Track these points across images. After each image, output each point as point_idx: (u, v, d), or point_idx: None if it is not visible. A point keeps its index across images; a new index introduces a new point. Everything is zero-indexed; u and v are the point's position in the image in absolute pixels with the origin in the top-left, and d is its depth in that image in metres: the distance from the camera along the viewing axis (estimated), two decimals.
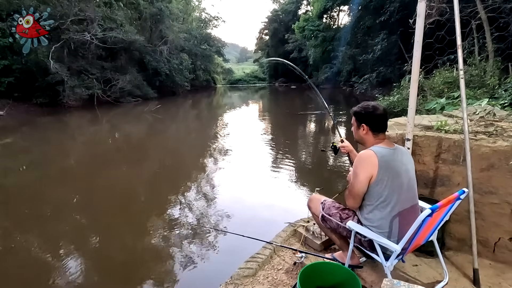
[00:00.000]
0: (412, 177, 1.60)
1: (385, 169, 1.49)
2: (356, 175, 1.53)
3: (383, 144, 1.57)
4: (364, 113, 1.60)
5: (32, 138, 9.53)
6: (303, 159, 6.96)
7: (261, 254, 2.22)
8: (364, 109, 1.61)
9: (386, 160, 1.50)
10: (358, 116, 1.64)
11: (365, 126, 1.60)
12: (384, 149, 1.53)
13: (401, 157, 1.56)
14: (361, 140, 1.67)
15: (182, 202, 4.44)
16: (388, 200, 1.51)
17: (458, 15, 1.83)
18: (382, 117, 1.58)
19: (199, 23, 33.16)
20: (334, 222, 1.78)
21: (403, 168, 1.55)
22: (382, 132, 1.60)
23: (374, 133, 1.59)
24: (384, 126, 1.60)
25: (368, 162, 1.50)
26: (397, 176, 1.51)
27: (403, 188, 1.53)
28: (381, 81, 17.42)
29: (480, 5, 5.99)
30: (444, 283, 1.75)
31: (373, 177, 1.50)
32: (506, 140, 1.90)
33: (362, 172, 1.51)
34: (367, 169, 1.50)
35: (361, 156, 1.55)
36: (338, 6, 29.02)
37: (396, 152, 1.56)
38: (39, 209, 4.19)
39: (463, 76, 1.88)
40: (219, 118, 14.41)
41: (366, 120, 1.60)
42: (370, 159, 1.50)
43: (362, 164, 1.52)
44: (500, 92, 4.46)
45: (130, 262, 3.01)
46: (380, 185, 1.50)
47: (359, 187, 1.53)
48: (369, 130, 1.60)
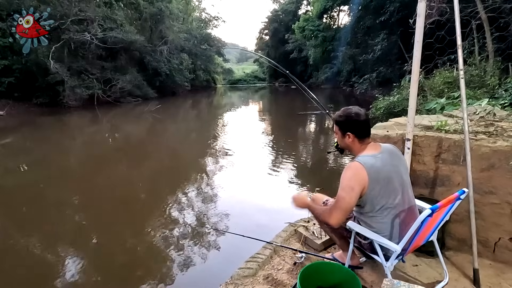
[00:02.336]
0: (405, 177, 1.58)
1: (375, 179, 1.46)
2: (351, 188, 1.45)
3: (369, 151, 1.54)
4: (348, 121, 1.56)
5: (32, 138, 9.53)
6: (303, 159, 6.96)
7: (261, 254, 2.22)
8: (347, 117, 1.56)
9: (375, 170, 1.46)
10: (341, 125, 1.59)
11: (350, 134, 1.55)
12: (371, 158, 1.49)
13: (390, 159, 1.53)
14: (348, 148, 1.63)
15: (182, 202, 4.44)
16: (385, 206, 1.50)
17: (458, 15, 1.83)
18: (366, 123, 1.55)
19: (199, 23, 33.14)
20: None
21: (393, 170, 1.52)
22: (367, 137, 1.56)
23: (359, 140, 1.56)
24: (368, 131, 1.57)
25: (358, 175, 1.46)
26: (389, 181, 1.49)
27: (397, 191, 1.52)
28: (381, 81, 17.43)
29: (480, 5, 5.99)
30: (444, 283, 1.75)
31: (365, 188, 1.46)
32: (506, 140, 1.90)
33: (356, 185, 1.45)
34: (359, 183, 1.45)
35: (350, 169, 1.49)
36: (338, 6, 29.00)
37: (383, 156, 1.53)
38: (39, 209, 4.19)
39: (463, 76, 1.88)
40: (219, 118, 14.42)
41: (350, 128, 1.55)
42: (359, 172, 1.45)
43: (354, 177, 1.47)
44: (500, 92, 4.46)
45: (130, 262, 3.01)
46: (373, 195, 1.48)
47: (352, 201, 1.46)
48: (355, 137, 1.55)
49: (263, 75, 50.31)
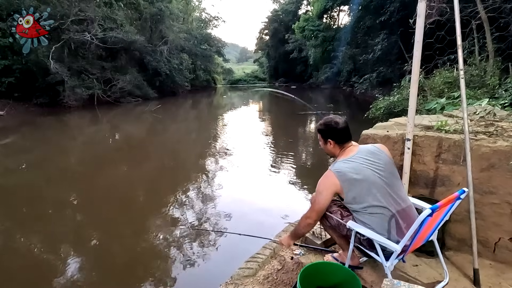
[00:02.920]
0: (389, 175, 1.61)
1: (347, 181, 1.58)
2: (319, 193, 1.66)
3: (345, 155, 1.68)
4: (328, 129, 1.73)
5: (32, 138, 9.53)
6: (303, 159, 6.97)
7: (261, 254, 2.22)
8: (326, 126, 1.74)
9: (345, 173, 1.59)
10: (322, 133, 1.76)
11: (331, 141, 1.73)
12: (342, 163, 1.64)
13: (365, 160, 1.61)
14: (330, 153, 1.79)
15: (182, 202, 4.44)
16: (371, 204, 1.55)
17: (458, 15, 1.83)
18: (344, 130, 1.71)
19: (199, 23, 33.17)
20: (334, 220, 1.79)
21: (370, 169, 1.58)
22: (346, 142, 1.72)
23: (339, 145, 1.72)
24: (348, 137, 1.72)
25: (328, 182, 1.63)
26: (365, 180, 1.56)
27: (379, 189, 1.55)
28: (381, 81, 17.42)
29: (480, 5, 5.98)
30: (444, 283, 1.75)
31: (341, 192, 1.61)
32: (506, 140, 1.90)
33: (325, 190, 1.64)
34: (329, 187, 1.63)
35: (324, 177, 1.68)
36: (338, 6, 28.98)
37: (357, 158, 1.63)
38: (39, 209, 4.19)
39: (463, 76, 1.88)
40: (219, 118, 14.41)
41: (330, 136, 1.72)
42: (329, 179, 1.62)
43: (324, 184, 1.65)
44: (500, 92, 4.46)
45: (130, 262, 3.01)
46: (353, 195, 1.58)
47: (322, 203, 1.66)
48: (335, 143, 1.72)
49: (263, 75, 50.31)
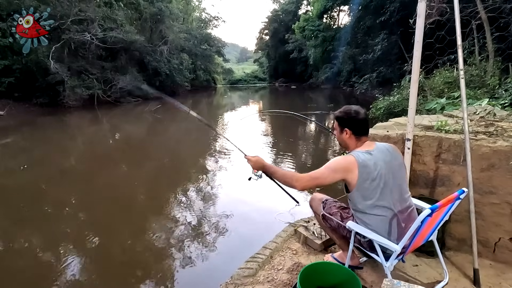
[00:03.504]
0: (400, 176, 1.59)
1: (365, 174, 1.51)
2: (331, 169, 1.56)
3: (363, 148, 1.60)
4: (347, 118, 1.64)
5: (32, 138, 9.53)
6: (303, 158, 6.97)
7: (261, 254, 2.22)
8: (346, 114, 1.65)
9: (366, 165, 1.51)
10: (340, 121, 1.67)
11: (347, 130, 1.63)
12: (364, 153, 1.55)
13: (383, 158, 1.56)
14: (344, 144, 1.70)
15: (182, 202, 4.44)
16: (377, 204, 1.52)
17: (458, 15, 1.83)
18: (363, 121, 1.63)
19: (199, 23, 33.17)
20: (334, 221, 1.79)
21: (386, 168, 1.54)
22: (364, 135, 1.64)
23: (356, 137, 1.63)
24: (366, 130, 1.64)
25: (347, 165, 1.53)
26: (379, 179, 1.51)
27: (390, 189, 1.53)
28: (381, 81, 17.43)
29: (480, 5, 5.99)
30: (444, 283, 1.75)
31: (351, 182, 1.53)
32: (506, 140, 1.90)
33: (340, 171, 1.54)
34: (344, 171, 1.53)
35: (343, 157, 1.59)
36: (338, 6, 29.01)
37: (376, 153, 1.56)
38: (39, 209, 4.19)
39: (463, 76, 1.88)
40: (219, 118, 14.41)
41: (348, 125, 1.63)
42: (349, 163, 1.53)
43: (342, 164, 1.55)
44: (501, 92, 4.47)
45: (130, 262, 3.01)
46: (362, 191, 1.52)
47: (327, 180, 1.55)
48: (351, 134, 1.63)
49: (263, 75, 50.33)
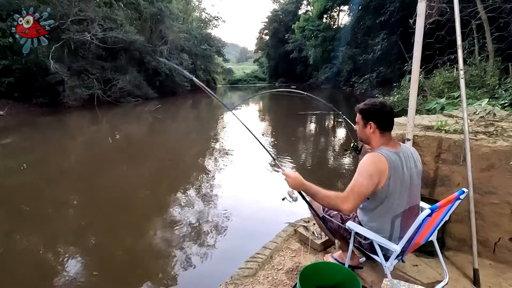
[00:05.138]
0: (417, 179, 1.55)
1: (393, 175, 1.43)
2: (369, 175, 1.40)
3: (390, 147, 1.49)
4: (373, 110, 1.51)
5: (32, 138, 9.52)
6: (303, 159, 6.96)
7: (261, 254, 2.22)
8: (372, 106, 1.52)
9: (395, 166, 1.43)
10: (364, 113, 1.54)
11: (372, 124, 1.51)
12: (393, 153, 1.46)
13: (407, 159, 1.50)
14: (367, 139, 1.57)
15: (182, 202, 4.44)
16: (390, 204, 1.49)
17: (458, 15, 1.83)
18: (389, 114, 1.51)
19: (199, 23, 33.16)
20: (335, 223, 1.78)
21: (408, 172, 1.49)
22: (388, 130, 1.52)
23: (381, 132, 1.51)
24: (391, 124, 1.52)
25: (380, 164, 1.42)
26: (403, 181, 1.46)
27: (407, 192, 1.50)
28: (381, 81, 17.45)
29: (480, 5, 6.00)
30: (444, 283, 1.75)
31: (380, 183, 1.43)
32: (506, 140, 1.90)
33: (375, 174, 1.41)
34: (379, 172, 1.42)
35: (372, 157, 1.45)
36: (338, 6, 29.00)
37: (402, 154, 1.49)
38: (39, 209, 4.18)
39: (463, 76, 1.88)
40: (219, 118, 14.40)
41: (373, 118, 1.51)
42: (381, 162, 1.43)
43: (375, 165, 1.42)
44: (500, 92, 4.47)
45: (130, 262, 3.01)
46: (385, 190, 1.45)
47: (368, 188, 1.41)
48: (376, 128, 1.51)
49: (263, 75, 50.30)
